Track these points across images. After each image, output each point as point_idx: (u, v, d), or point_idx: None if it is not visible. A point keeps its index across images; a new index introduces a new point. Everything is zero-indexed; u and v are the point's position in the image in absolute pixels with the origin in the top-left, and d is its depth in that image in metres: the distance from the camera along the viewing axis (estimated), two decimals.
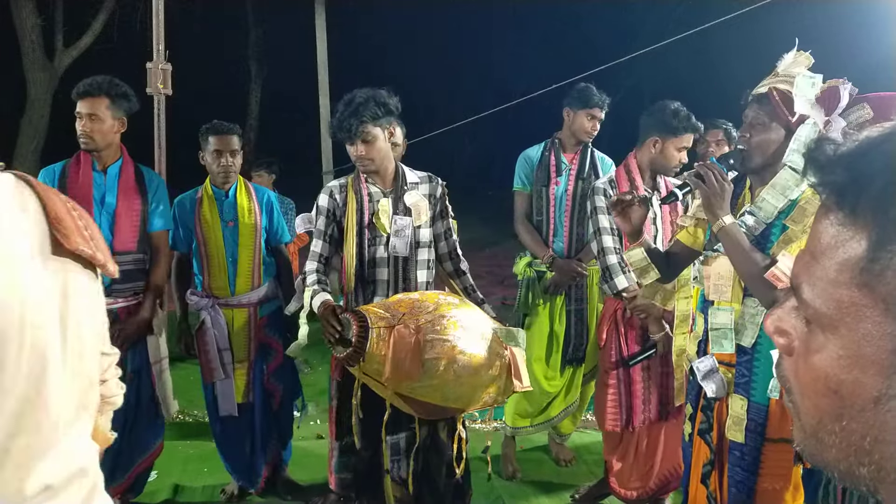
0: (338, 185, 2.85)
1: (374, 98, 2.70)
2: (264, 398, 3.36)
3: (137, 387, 3.14)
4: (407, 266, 2.80)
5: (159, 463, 3.39)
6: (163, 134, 3.89)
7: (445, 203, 2.93)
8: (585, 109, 3.63)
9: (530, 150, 3.80)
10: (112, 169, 3.06)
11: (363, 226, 2.78)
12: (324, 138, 6.01)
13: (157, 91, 3.79)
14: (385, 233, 2.78)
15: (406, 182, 2.84)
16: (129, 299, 3.06)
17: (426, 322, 2.34)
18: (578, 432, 4.11)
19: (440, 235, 2.91)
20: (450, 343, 2.32)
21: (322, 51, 5.90)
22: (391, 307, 2.42)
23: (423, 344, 2.30)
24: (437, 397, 2.41)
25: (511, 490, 3.53)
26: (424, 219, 2.82)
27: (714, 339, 2.27)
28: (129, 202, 3.06)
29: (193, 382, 4.87)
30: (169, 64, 3.79)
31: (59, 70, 10.14)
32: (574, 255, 3.64)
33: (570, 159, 3.70)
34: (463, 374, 2.34)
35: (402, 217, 2.78)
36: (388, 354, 2.29)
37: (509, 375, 2.46)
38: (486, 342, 2.40)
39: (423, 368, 2.30)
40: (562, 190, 3.66)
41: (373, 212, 2.78)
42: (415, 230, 2.80)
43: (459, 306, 2.47)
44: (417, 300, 2.45)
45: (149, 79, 3.76)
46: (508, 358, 2.46)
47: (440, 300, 2.46)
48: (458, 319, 2.38)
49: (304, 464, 3.67)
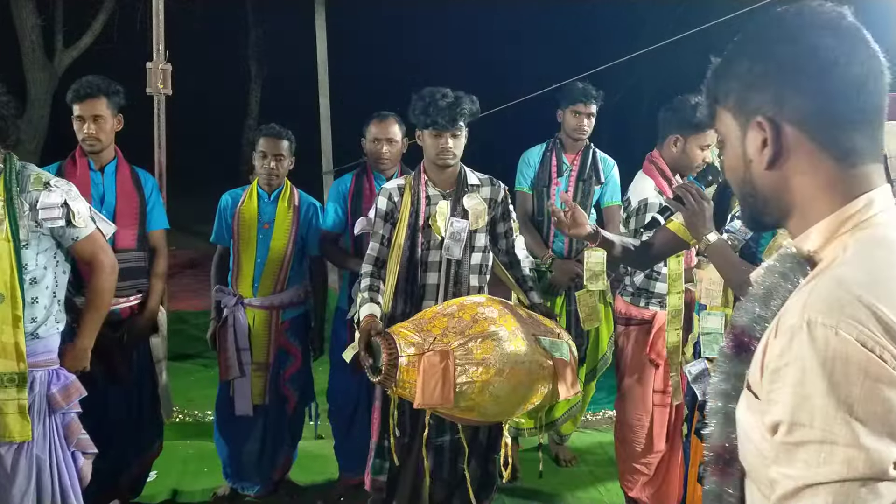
0: (396, 187, 2.82)
1: (470, 98, 2.71)
2: (279, 403, 3.35)
3: (140, 387, 3.14)
4: (459, 270, 2.77)
5: (159, 463, 3.39)
6: (163, 134, 3.89)
7: (508, 206, 2.90)
8: (570, 106, 3.63)
9: (532, 150, 3.79)
10: (108, 168, 3.07)
11: (417, 228, 2.75)
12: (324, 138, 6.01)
13: (157, 91, 3.79)
14: (440, 235, 2.75)
15: (467, 184, 2.80)
16: (130, 299, 3.05)
17: (458, 346, 2.30)
18: (578, 433, 4.11)
19: (500, 235, 2.89)
20: (484, 366, 2.29)
21: (322, 51, 5.89)
22: (425, 327, 2.39)
23: (456, 369, 2.28)
24: (475, 415, 2.42)
25: (511, 490, 3.52)
26: (481, 223, 2.78)
27: (705, 343, 2.30)
28: (127, 200, 3.06)
29: (193, 382, 4.88)
30: (169, 64, 3.79)
31: (59, 70, 10.13)
32: (574, 256, 3.63)
33: (571, 160, 3.69)
34: (500, 395, 2.33)
35: (458, 220, 2.75)
36: (417, 382, 2.28)
37: (554, 383, 2.43)
38: (525, 357, 2.35)
39: (457, 393, 2.28)
40: (562, 190, 3.66)
41: (429, 214, 2.76)
42: (471, 234, 2.77)
43: (498, 320, 2.39)
44: (454, 315, 2.40)
45: (149, 79, 3.76)
46: (554, 366, 2.42)
47: (479, 314, 2.39)
48: (494, 338, 2.33)
49: (304, 464, 3.66)
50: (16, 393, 2.34)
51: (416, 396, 2.29)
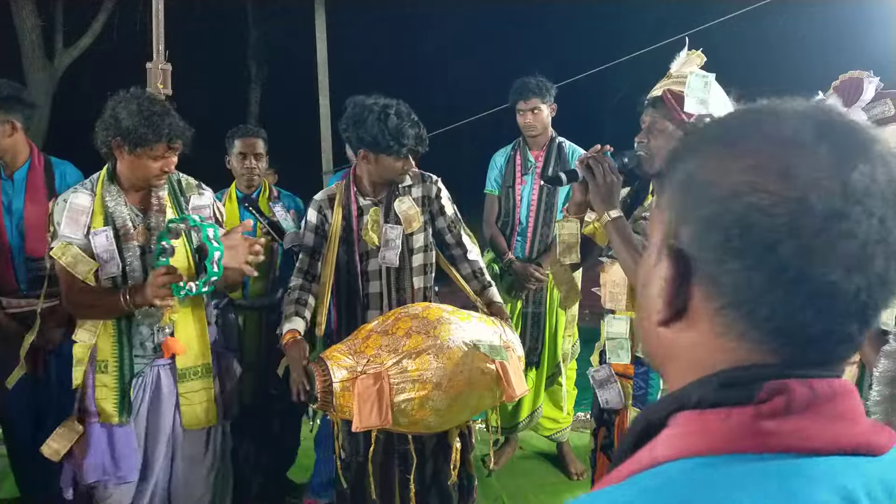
0: (326, 199, 2.74)
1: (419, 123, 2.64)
2: (268, 404, 3.33)
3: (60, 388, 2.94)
4: (400, 276, 2.70)
5: None
6: None
7: (443, 200, 2.78)
8: (514, 103, 3.62)
9: (499, 151, 3.80)
10: (19, 173, 2.95)
11: (352, 240, 2.69)
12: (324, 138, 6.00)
13: (157, 91, 3.78)
14: (374, 245, 2.68)
15: (397, 187, 2.71)
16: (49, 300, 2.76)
17: (392, 364, 2.26)
18: (580, 433, 4.10)
19: (444, 230, 2.79)
20: (420, 382, 2.26)
21: (322, 51, 5.88)
22: (358, 348, 2.34)
23: (392, 388, 2.25)
24: (420, 428, 2.39)
25: (511, 490, 3.52)
26: (416, 225, 2.70)
27: (611, 349, 2.22)
28: (37, 206, 2.92)
29: None
30: (169, 64, 3.78)
31: (59, 70, 10.13)
32: (534, 259, 3.60)
33: (536, 157, 3.67)
34: (441, 407, 2.30)
35: (392, 227, 2.68)
36: (354, 406, 2.25)
37: (500, 386, 2.39)
38: (463, 367, 2.30)
39: (396, 412, 2.26)
40: (528, 189, 3.65)
41: (360, 226, 2.69)
42: (406, 238, 2.70)
43: (434, 332, 2.33)
44: (388, 331, 2.35)
45: (149, 79, 3.75)
46: (496, 370, 2.37)
47: (412, 328, 2.34)
48: (430, 352, 2.28)
49: (304, 464, 3.66)
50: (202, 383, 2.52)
51: (354, 420, 2.26)
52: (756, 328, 0.58)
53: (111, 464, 2.43)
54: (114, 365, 2.42)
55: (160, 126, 2.29)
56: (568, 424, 3.86)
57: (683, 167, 0.63)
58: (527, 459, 3.92)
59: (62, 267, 2.36)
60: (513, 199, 3.66)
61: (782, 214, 0.55)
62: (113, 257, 2.38)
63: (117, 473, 2.43)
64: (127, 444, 2.44)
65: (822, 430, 0.55)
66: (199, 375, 2.52)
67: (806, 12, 9.48)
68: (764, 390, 0.56)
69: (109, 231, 2.38)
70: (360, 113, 2.56)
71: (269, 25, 14.67)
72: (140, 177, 2.39)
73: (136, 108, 2.29)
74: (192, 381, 2.50)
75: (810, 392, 0.56)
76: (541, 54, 16.42)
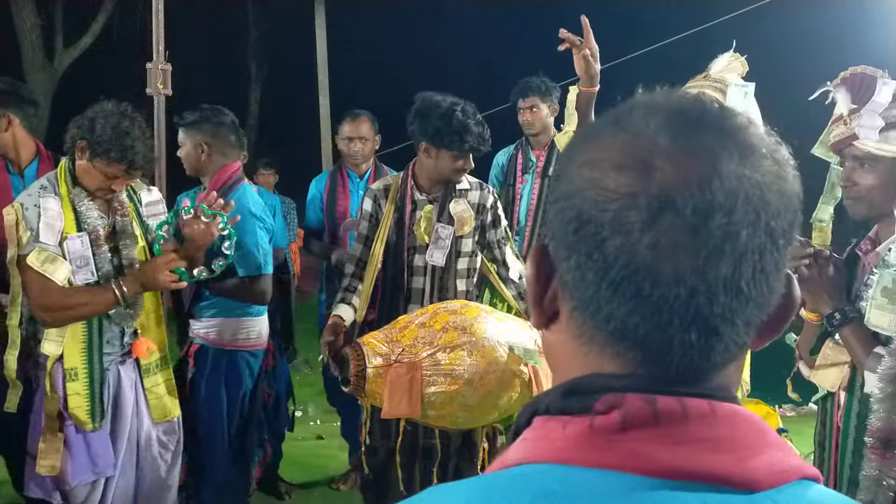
0: (381, 189, 2.77)
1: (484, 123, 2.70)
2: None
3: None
4: (445, 276, 2.72)
5: None
6: (163, 134, 3.88)
7: (498, 212, 2.82)
8: (517, 102, 3.63)
9: (502, 150, 3.81)
10: (29, 170, 2.93)
11: (402, 232, 2.71)
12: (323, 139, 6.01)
13: (157, 91, 3.78)
14: (424, 241, 2.71)
15: (455, 189, 2.73)
16: None
17: (427, 356, 2.28)
18: None
19: (493, 243, 2.81)
20: (452, 376, 2.27)
21: (322, 51, 5.89)
22: (395, 337, 2.36)
23: (423, 380, 2.26)
24: (447, 423, 2.41)
25: None
26: (468, 229, 2.72)
27: None
28: None
29: None
30: (169, 64, 3.78)
31: (59, 70, 10.13)
32: None
33: (537, 156, 3.68)
34: (471, 404, 2.31)
35: (444, 226, 2.70)
36: (385, 393, 2.27)
37: (531, 390, 2.39)
38: (496, 366, 2.31)
39: (425, 403, 2.27)
40: (528, 188, 3.65)
41: (413, 220, 2.71)
42: (456, 240, 2.71)
43: (471, 329, 2.34)
44: (425, 324, 2.37)
45: (149, 79, 3.75)
46: (528, 374, 2.38)
47: (449, 323, 2.35)
48: (464, 348, 2.29)
49: (305, 463, 3.66)
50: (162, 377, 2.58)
51: (384, 407, 2.29)
52: (599, 331, 0.55)
53: (90, 463, 2.45)
54: (84, 372, 2.41)
55: (128, 151, 2.30)
56: None
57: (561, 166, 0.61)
58: None
59: (34, 273, 2.28)
60: (512, 197, 3.66)
61: (611, 210, 0.51)
62: (88, 263, 2.37)
63: (95, 470, 2.45)
64: (101, 442, 2.46)
65: (659, 453, 0.50)
66: (160, 368, 2.57)
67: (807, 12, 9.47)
68: (601, 402, 0.52)
69: (85, 236, 2.37)
70: (426, 106, 2.62)
71: (269, 25, 14.66)
72: (88, 183, 2.39)
73: (115, 122, 2.29)
74: (154, 376, 2.55)
75: (649, 409, 0.51)
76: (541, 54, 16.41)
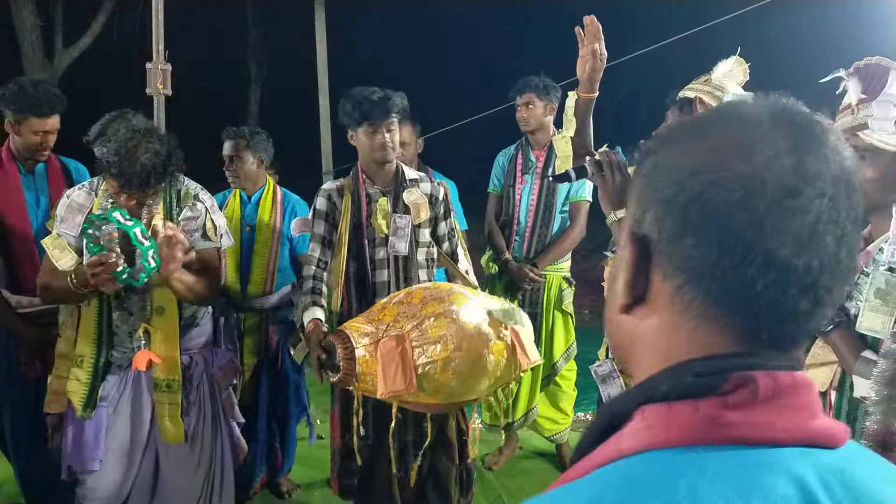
0: (335, 188, 2.80)
1: (400, 94, 2.72)
2: (268, 404, 3.33)
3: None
4: (408, 266, 2.75)
5: None
6: None
7: (448, 205, 2.88)
8: (515, 98, 3.63)
9: (502, 151, 3.81)
10: (38, 169, 3.00)
11: (361, 227, 2.74)
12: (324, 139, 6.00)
13: (157, 91, 3.78)
14: (383, 233, 2.74)
15: (406, 180, 2.80)
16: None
17: (413, 328, 2.26)
18: (580, 433, 4.10)
19: (443, 237, 2.87)
20: (442, 343, 2.25)
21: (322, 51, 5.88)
22: (376, 318, 2.35)
23: (414, 351, 2.24)
24: (442, 397, 2.36)
25: (511, 490, 3.52)
26: (424, 216, 2.78)
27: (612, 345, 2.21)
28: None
29: None
30: (169, 64, 3.78)
31: (59, 70, 10.13)
32: (533, 258, 3.61)
33: (537, 156, 3.68)
34: (463, 369, 2.27)
35: (401, 216, 2.75)
36: (378, 370, 2.24)
37: (514, 354, 2.38)
38: (480, 329, 2.30)
39: (419, 375, 2.24)
40: (528, 189, 3.65)
41: (370, 213, 2.75)
42: (414, 229, 2.76)
43: (449, 298, 2.35)
44: (403, 301, 2.37)
45: (148, 79, 3.74)
46: (510, 337, 2.37)
47: (427, 295, 2.36)
48: (446, 314, 2.29)
49: (305, 463, 3.66)
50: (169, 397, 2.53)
51: (379, 386, 2.24)
52: (713, 304, 0.60)
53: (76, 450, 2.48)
54: (90, 361, 2.46)
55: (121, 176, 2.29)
56: (567, 425, 3.85)
57: (652, 159, 0.66)
58: (527, 459, 3.92)
59: (46, 254, 2.41)
60: (512, 198, 3.66)
61: (737, 189, 0.58)
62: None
63: (80, 458, 2.47)
64: (91, 435, 2.48)
65: (784, 422, 0.57)
66: (169, 390, 2.54)
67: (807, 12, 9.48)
68: (729, 381, 0.57)
69: None
70: (342, 99, 2.70)
71: (269, 25, 14.66)
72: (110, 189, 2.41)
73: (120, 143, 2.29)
74: (161, 393, 2.53)
75: (773, 384, 0.58)
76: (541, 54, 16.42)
